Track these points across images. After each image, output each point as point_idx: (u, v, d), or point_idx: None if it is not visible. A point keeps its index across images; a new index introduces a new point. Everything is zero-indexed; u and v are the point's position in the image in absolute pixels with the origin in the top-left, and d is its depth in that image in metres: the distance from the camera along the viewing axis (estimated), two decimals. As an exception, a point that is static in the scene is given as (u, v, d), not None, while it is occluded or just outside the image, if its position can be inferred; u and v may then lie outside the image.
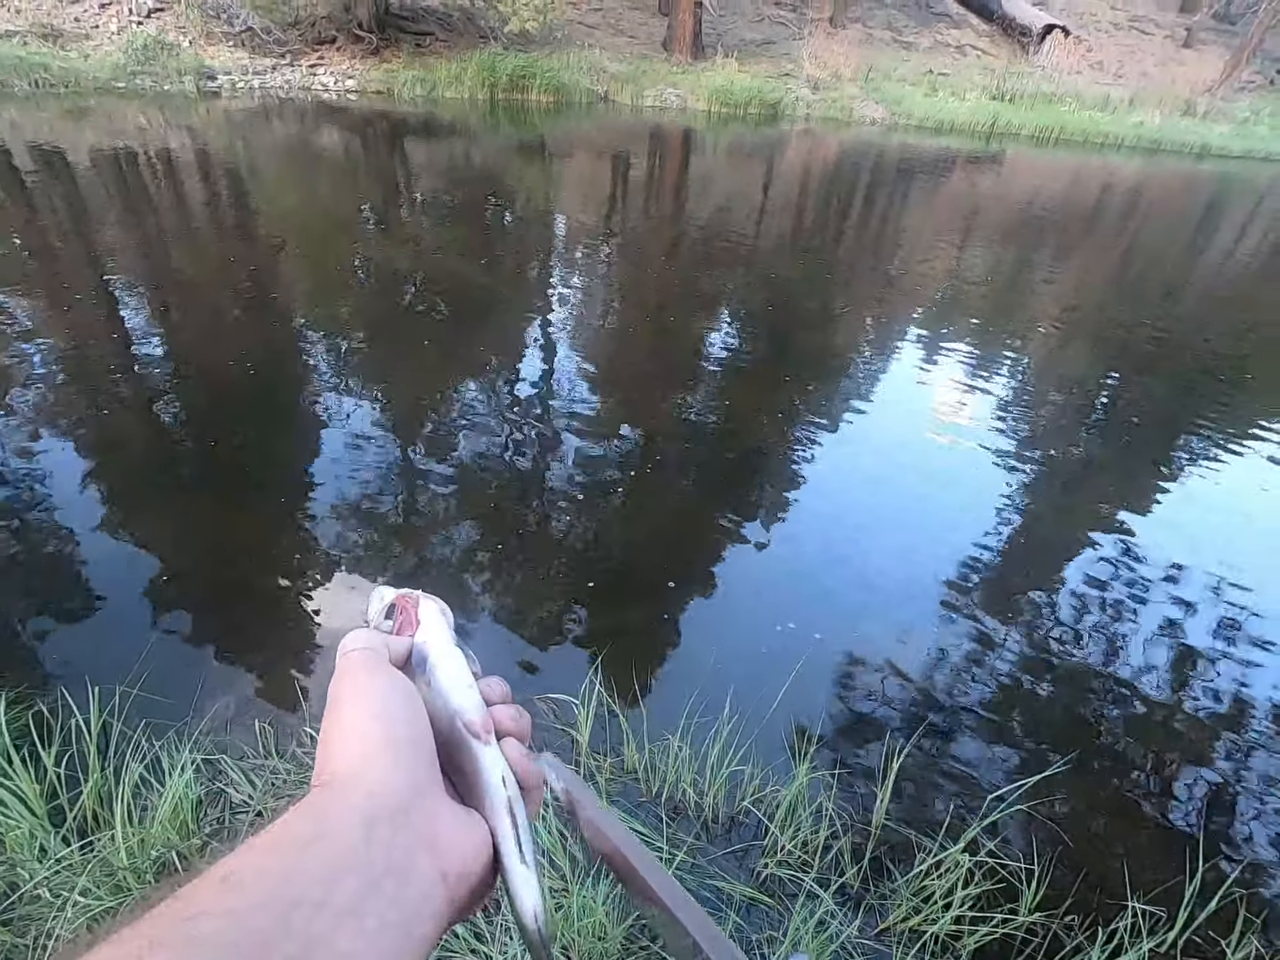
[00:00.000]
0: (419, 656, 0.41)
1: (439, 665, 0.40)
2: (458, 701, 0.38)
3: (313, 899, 0.26)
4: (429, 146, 10.30)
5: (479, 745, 0.37)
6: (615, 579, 2.65)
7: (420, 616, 0.43)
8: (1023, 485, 3.44)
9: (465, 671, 0.40)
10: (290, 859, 0.27)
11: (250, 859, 0.27)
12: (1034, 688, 2.32)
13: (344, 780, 0.32)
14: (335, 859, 0.28)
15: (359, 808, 0.30)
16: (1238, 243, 8.95)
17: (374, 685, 0.36)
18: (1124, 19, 21.14)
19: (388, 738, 0.34)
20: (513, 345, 4.44)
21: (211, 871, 0.27)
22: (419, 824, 0.32)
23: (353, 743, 0.34)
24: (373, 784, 0.32)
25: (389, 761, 0.33)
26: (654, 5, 17.06)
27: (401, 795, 0.32)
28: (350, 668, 0.37)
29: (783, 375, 4.32)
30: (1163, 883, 1.72)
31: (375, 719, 0.35)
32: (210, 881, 0.26)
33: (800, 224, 8.03)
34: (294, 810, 0.30)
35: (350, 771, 0.32)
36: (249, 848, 0.28)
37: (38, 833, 1.56)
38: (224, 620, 2.35)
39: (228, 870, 0.26)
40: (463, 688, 0.39)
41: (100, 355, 3.84)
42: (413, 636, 0.42)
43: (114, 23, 12.06)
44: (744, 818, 1.82)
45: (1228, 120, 16.62)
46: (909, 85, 16.18)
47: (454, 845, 0.33)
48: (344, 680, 0.37)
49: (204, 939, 0.23)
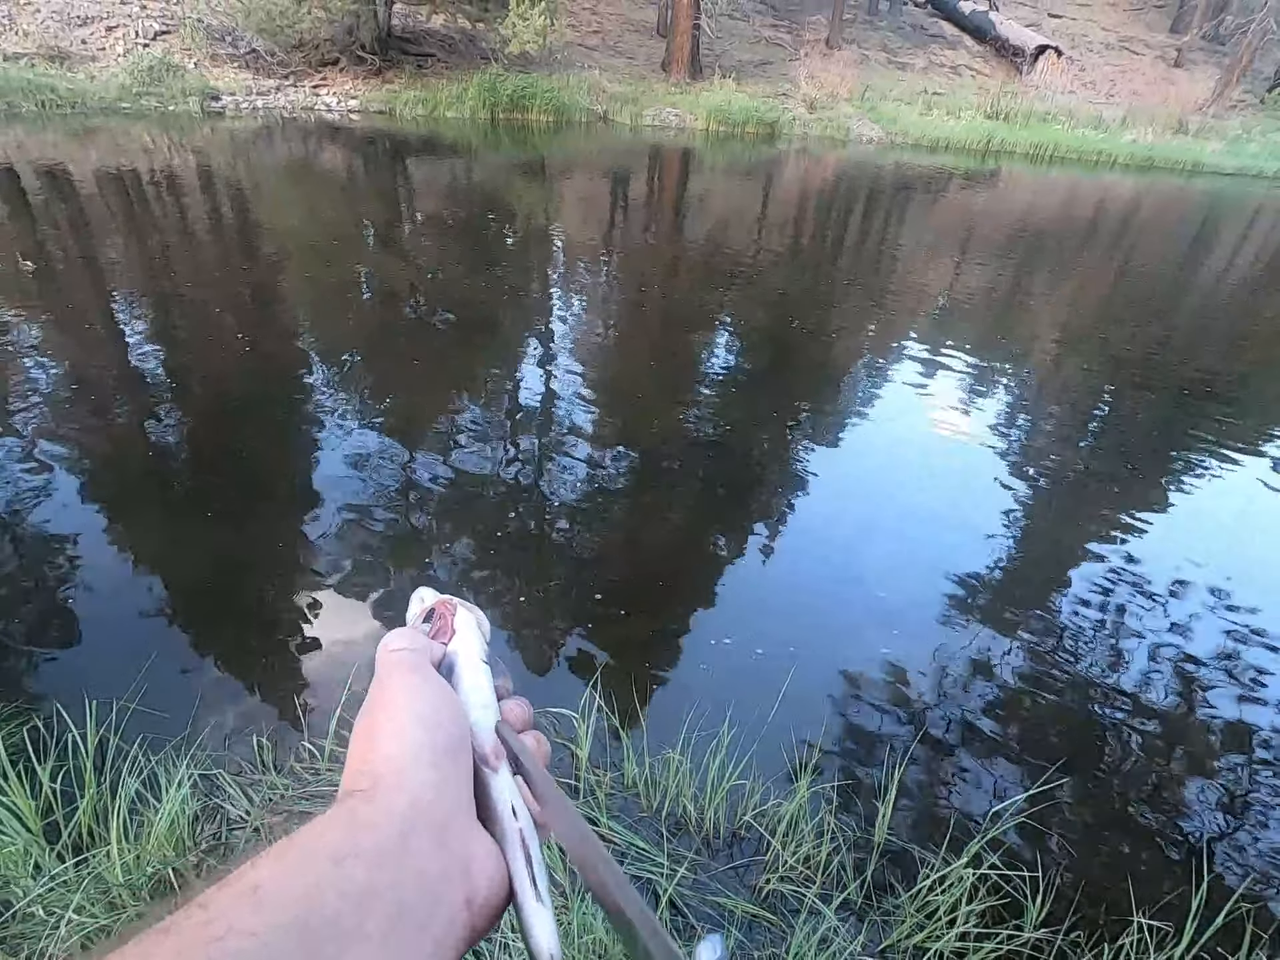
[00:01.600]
0: (447, 666, 0.40)
1: (463, 679, 0.39)
2: (472, 720, 0.37)
3: (345, 928, 0.25)
4: (430, 165, 10.42)
5: (488, 772, 0.36)
6: (615, 593, 2.64)
7: (456, 625, 0.43)
8: (1022, 498, 3.44)
9: (487, 690, 0.39)
10: (323, 875, 0.26)
11: (280, 872, 0.26)
12: (1036, 700, 2.31)
13: (383, 786, 0.30)
14: (369, 880, 0.27)
15: (396, 817, 0.29)
16: (1232, 259, 9.03)
17: (419, 688, 0.35)
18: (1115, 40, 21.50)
19: (430, 745, 0.33)
20: (513, 361, 4.46)
21: (239, 879, 0.25)
22: (454, 844, 0.30)
23: (394, 745, 0.32)
24: (413, 794, 0.30)
25: (430, 771, 0.32)
26: (652, 27, 17.35)
27: (439, 807, 0.31)
28: (395, 666, 0.36)
29: (782, 390, 4.34)
30: (1169, 897, 1.70)
31: (418, 724, 0.33)
32: (238, 892, 0.25)
33: (798, 241, 8.11)
34: (330, 817, 0.29)
35: (390, 777, 0.31)
36: (281, 856, 0.26)
37: (32, 849, 1.54)
38: (222, 635, 2.34)
39: (256, 881, 0.25)
40: (479, 706, 0.38)
41: (103, 372, 3.86)
42: (446, 645, 0.41)
43: (120, 45, 12.25)
44: (745, 832, 1.80)
45: (1219, 138, 16.84)
46: (904, 105, 16.41)
47: (481, 870, 0.31)
48: (385, 679, 0.35)
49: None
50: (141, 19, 12.59)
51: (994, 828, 1.74)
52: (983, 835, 1.70)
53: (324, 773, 1.83)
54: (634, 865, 1.65)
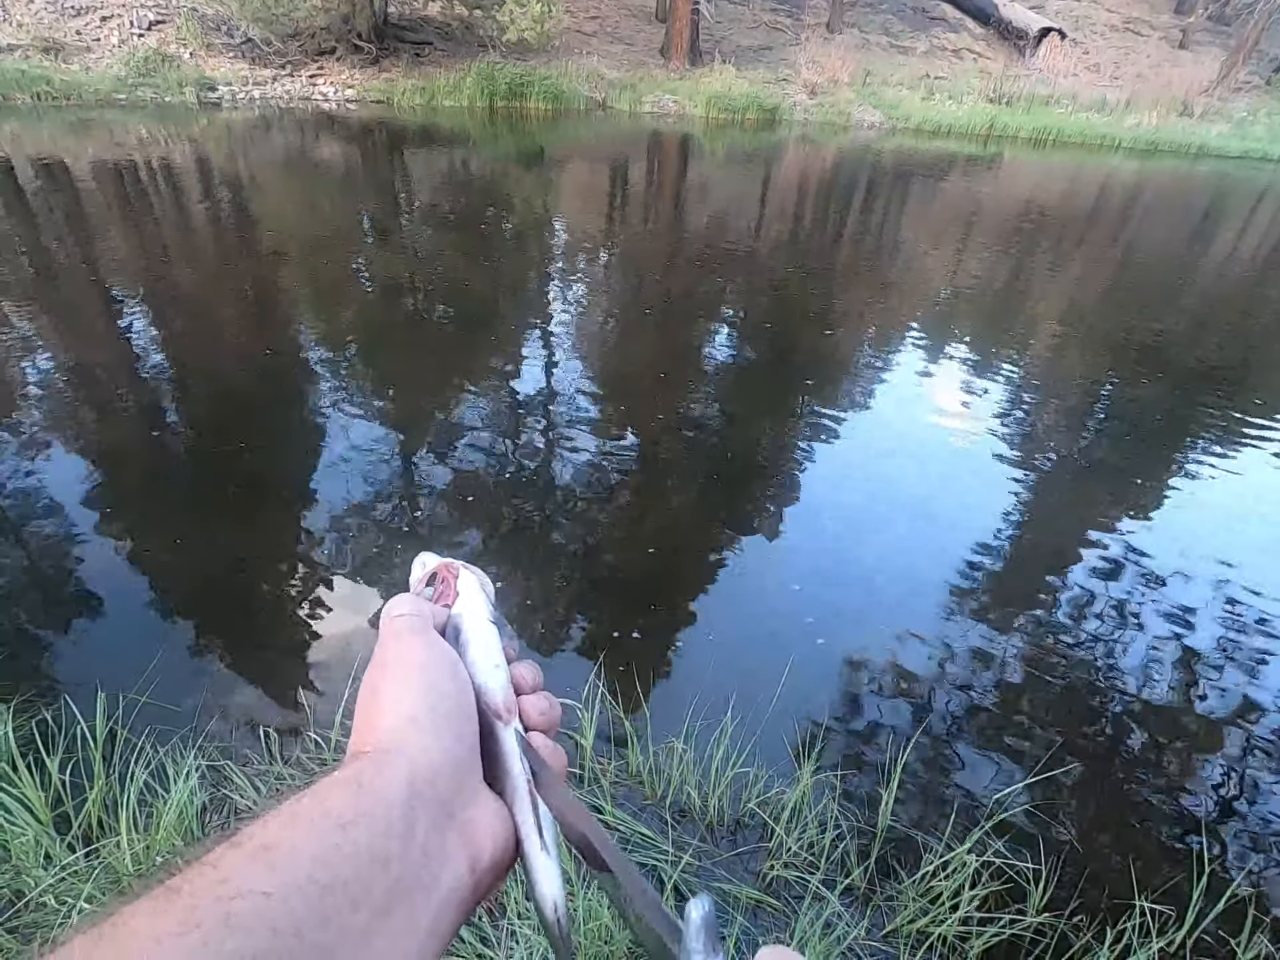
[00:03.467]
0: (453, 629, 0.40)
1: (471, 640, 0.39)
2: (482, 679, 0.37)
3: (354, 892, 0.25)
4: (428, 155, 10.35)
5: (500, 726, 0.36)
6: (618, 583, 2.65)
7: (460, 588, 0.42)
8: (1024, 487, 3.44)
9: (496, 649, 0.39)
10: (330, 840, 0.26)
11: (291, 834, 0.26)
12: (1039, 687, 2.32)
13: (386, 751, 0.31)
14: (374, 845, 0.27)
15: (400, 784, 0.29)
16: (1237, 243, 8.96)
17: (420, 653, 0.35)
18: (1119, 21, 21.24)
19: (432, 709, 0.33)
20: (514, 352, 4.45)
21: (249, 839, 0.26)
22: (457, 807, 0.31)
23: (396, 710, 0.33)
24: (415, 758, 0.31)
25: (433, 735, 0.32)
26: (651, 12, 17.16)
27: (443, 773, 0.31)
28: (396, 632, 0.36)
29: (783, 380, 4.33)
30: (1170, 882, 1.72)
31: (420, 689, 0.33)
32: (249, 853, 0.25)
33: (799, 229, 8.06)
34: (334, 780, 0.29)
35: (393, 742, 0.31)
36: (290, 819, 0.27)
37: (43, 839, 1.56)
38: (229, 627, 2.35)
39: (267, 842, 0.25)
40: (489, 667, 0.38)
41: (105, 366, 3.86)
42: (449, 607, 0.41)
43: (115, 36, 12.16)
44: (749, 820, 1.82)
45: (1225, 121, 16.68)
46: (906, 89, 16.26)
47: (486, 833, 0.32)
48: (389, 644, 0.36)
49: (240, 923, 0.23)
50: (136, 9, 12.47)
51: (998, 813, 1.75)
52: (986, 821, 1.71)
53: (330, 763, 1.84)
54: (639, 853, 1.66)
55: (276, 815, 0.27)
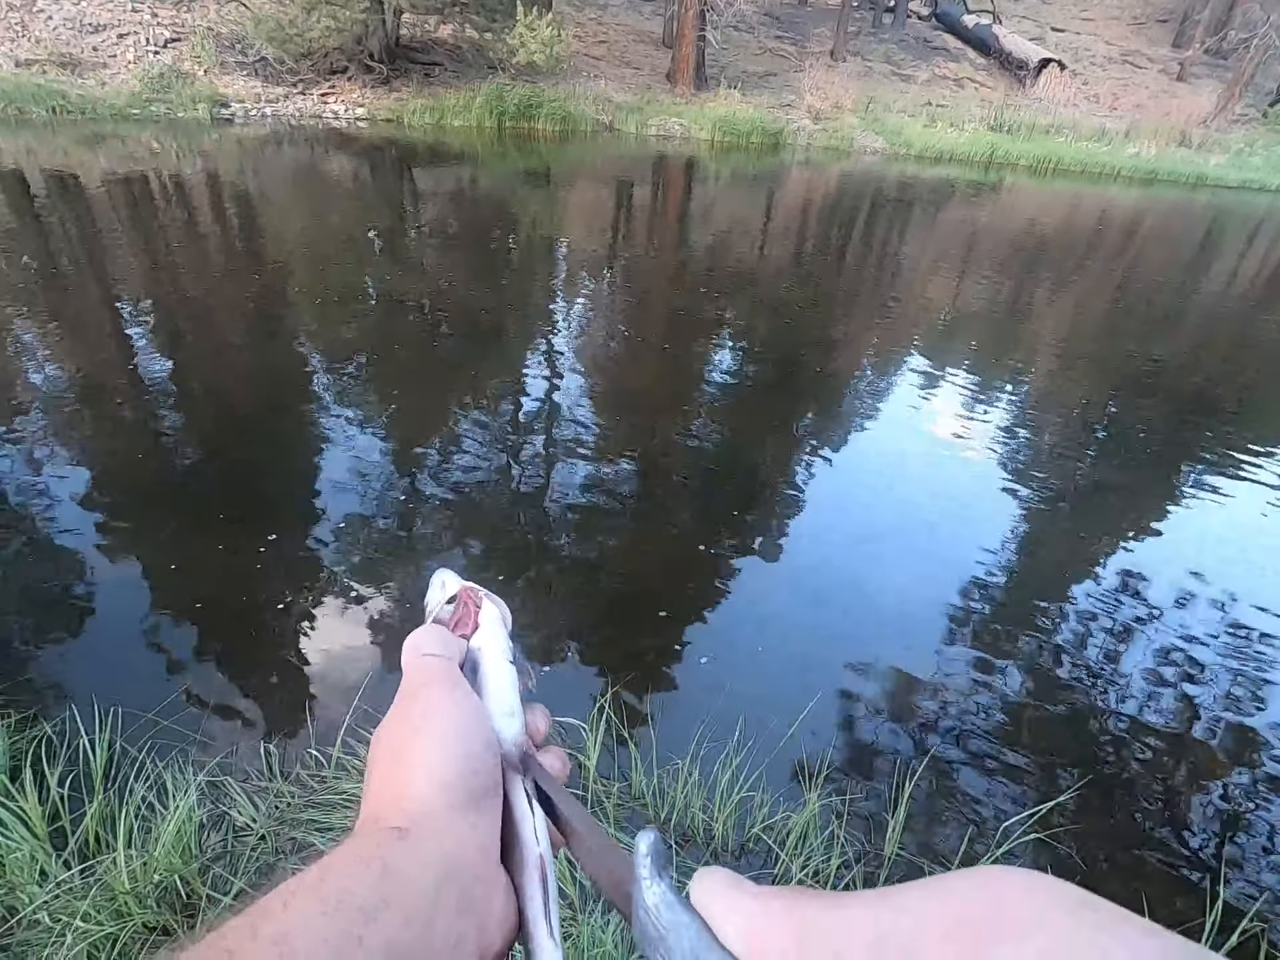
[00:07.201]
0: (471, 662, 0.39)
1: (489, 681, 0.38)
2: (497, 726, 0.36)
3: None
4: (437, 174, 10.47)
5: (510, 778, 0.34)
6: (623, 604, 2.64)
7: (481, 620, 0.41)
8: (1027, 510, 3.44)
9: (513, 694, 0.38)
10: (351, 931, 0.25)
11: (307, 922, 0.25)
12: (1046, 713, 2.30)
13: (416, 831, 0.29)
14: (396, 938, 0.26)
15: (431, 874, 0.28)
16: (1235, 272, 9.04)
17: (455, 712, 0.33)
18: (1117, 54, 21.61)
19: (467, 789, 0.31)
20: (518, 371, 4.47)
21: (268, 921, 0.24)
22: (478, 896, 0.29)
23: (428, 777, 0.31)
24: (446, 843, 0.29)
25: (463, 820, 0.30)
26: (658, 38, 17.46)
27: (472, 860, 0.30)
28: (427, 680, 0.34)
29: (786, 401, 4.34)
30: (1181, 916, 1.69)
31: (457, 756, 0.31)
32: (262, 946, 0.24)
33: (801, 252, 8.13)
34: (359, 857, 0.28)
35: (425, 815, 0.30)
36: (306, 900, 0.25)
37: (39, 855, 1.54)
38: (230, 643, 2.33)
39: (287, 929, 0.24)
40: (504, 713, 0.36)
41: (111, 379, 3.87)
42: (468, 639, 0.40)
43: (130, 52, 12.35)
44: (754, 845, 1.79)
45: (1223, 151, 16.90)
46: (908, 116, 16.49)
47: (499, 924, 0.30)
48: (422, 690, 0.34)
49: None
50: (152, 26, 12.69)
51: (1004, 842, 1.73)
52: (993, 849, 1.69)
53: (330, 780, 1.82)
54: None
55: (300, 890, 0.26)
